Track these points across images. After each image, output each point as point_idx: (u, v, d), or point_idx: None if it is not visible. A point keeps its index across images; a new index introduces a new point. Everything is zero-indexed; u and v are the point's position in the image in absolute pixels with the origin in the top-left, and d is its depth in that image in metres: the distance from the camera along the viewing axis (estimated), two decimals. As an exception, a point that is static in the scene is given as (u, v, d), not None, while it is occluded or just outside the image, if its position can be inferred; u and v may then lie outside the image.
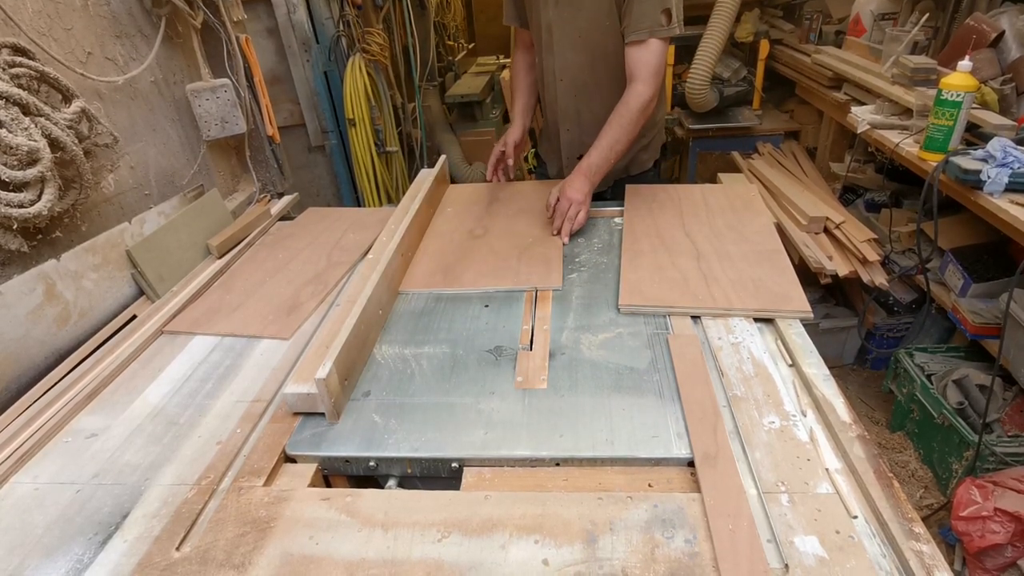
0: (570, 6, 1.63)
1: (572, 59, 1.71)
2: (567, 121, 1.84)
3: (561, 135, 1.88)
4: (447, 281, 1.45)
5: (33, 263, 1.28)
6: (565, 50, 1.70)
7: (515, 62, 1.96)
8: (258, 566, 0.81)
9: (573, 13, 1.63)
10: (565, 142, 1.89)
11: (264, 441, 1.03)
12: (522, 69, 1.93)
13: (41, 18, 1.38)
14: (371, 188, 3.06)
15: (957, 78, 1.89)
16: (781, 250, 1.46)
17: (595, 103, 1.76)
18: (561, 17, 1.65)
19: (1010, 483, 1.81)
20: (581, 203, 1.57)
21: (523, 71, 1.93)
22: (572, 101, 1.79)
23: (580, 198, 1.57)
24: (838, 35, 3.17)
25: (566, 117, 1.84)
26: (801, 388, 1.08)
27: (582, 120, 1.82)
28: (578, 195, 1.57)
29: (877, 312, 2.75)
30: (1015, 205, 1.73)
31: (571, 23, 1.65)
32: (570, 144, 1.88)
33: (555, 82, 1.78)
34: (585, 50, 1.68)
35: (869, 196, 2.86)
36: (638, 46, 1.55)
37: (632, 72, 1.58)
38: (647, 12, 1.51)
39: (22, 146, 1.17)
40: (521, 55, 1.93)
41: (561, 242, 1.55)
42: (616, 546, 0.81)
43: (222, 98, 1.86)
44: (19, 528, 0.90)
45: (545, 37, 1.72)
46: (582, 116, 1.81)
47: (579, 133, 1.84)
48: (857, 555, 0.77)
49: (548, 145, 2.03)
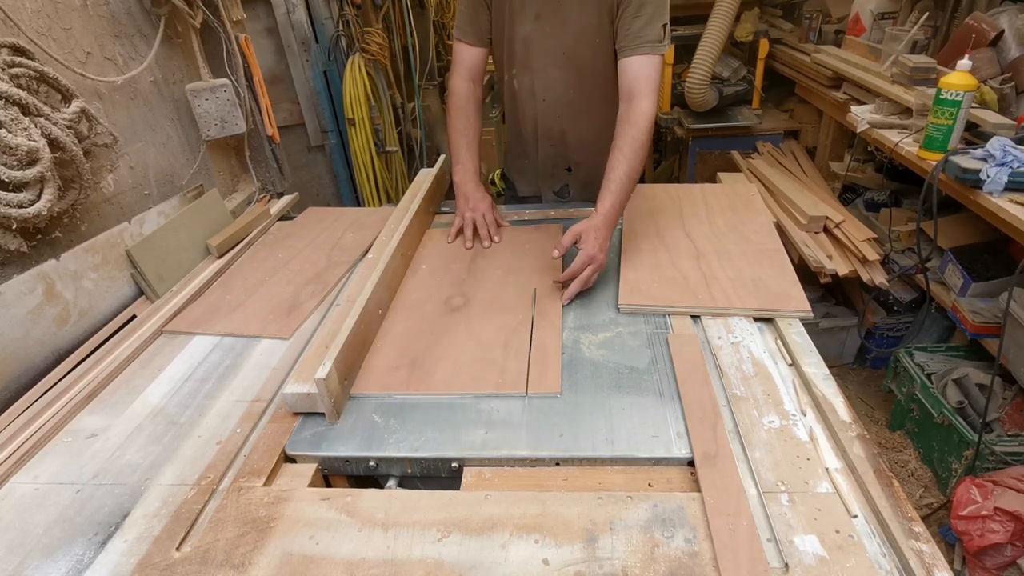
0: (553, 21, 1.52)
1: (557, 76, 1.61)
2: (548, 140, 1.74)
3: (540, 152, 1.77)
4: (412, 380, 1.14)
5: (33, 263, 1.28)
6: (547, 67, 1.60)
7: (456, 92, 1.66)
8: (258, 566, 0.81)
9: (557, 29, 1.53)
10: (544, 158, 1.78)
11: (264, 441, 1.03)
12: (467, 102, 1.65)
13: (40, 18, 1.38)
14: (371, 188, 3.06)
15: (956, 77, 1.89)
16: (781, 249, 1.46)
17: (582, 121, 1.68)
18: (543, 33, 1.55)
19: (1010, 482, 1.81)
20: (602, 264, 1.35)
21: (466, 104, 1.65)
22: (556, 121, 1.69)
23: (603, 257, 1.35)
24: (838, 34, 3.17)
25: (548, 136, 1.73)
26: (801, 387, 1.08)
27: (567, 139, 1.73)
28: (602, 254, 1.34)
29: (877, 311, 2.75)
30: (1014, 204, 1.73)
31: (554, 39, 1.55)
32: (550, 160, 1.78)
33: (534, 101, 1.67)
34: (570, 67, 1.59)
35: (869, 195, 2.86)
36: (639, 60, 1.45)
37: (631, 88, 1.46)
38: (650, 26, 1.43)
39: (22, 146, 1.17)
40: (462, 82, 1.66)
41: (559, 319, 1.28)
42: (616, 545, 0.81)
43: (221, 98, 1.86)
44: (19, 528, 0.90)
45: (520, 53, 1.60)
46: (567, 135, 1.72)
47: (563, 149, 1.75)
48: (857, 554, 0.77)
49: (520, 164, 1.88)
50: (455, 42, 1.66)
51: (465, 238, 1.60)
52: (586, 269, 1.32)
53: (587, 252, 1.32)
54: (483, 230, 1.60)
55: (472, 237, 1.60)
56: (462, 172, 1.64)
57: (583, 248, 1.33)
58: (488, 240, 1.59)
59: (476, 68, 1.66)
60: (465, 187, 1.64)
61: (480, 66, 1.67)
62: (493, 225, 1.62)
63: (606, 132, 1.68)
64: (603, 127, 1.66)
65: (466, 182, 1.64)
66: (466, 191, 1.63)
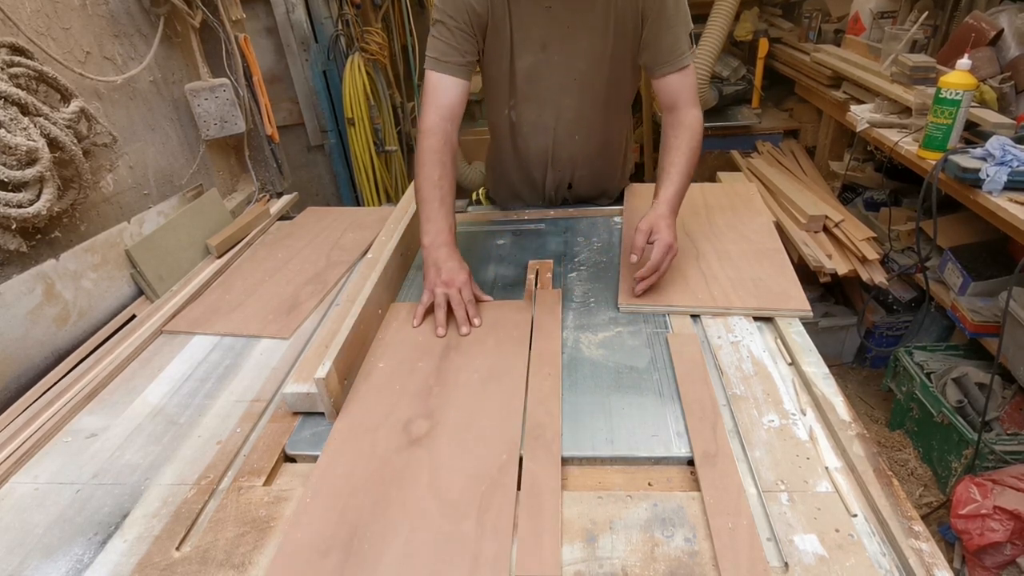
0: (563, 50, 1.43)
1: (568, 104, 1.52)
2: (557, 166, 1.67)
3: (548, 179, 1.71)
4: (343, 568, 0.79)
5: (32, 263, 1.28)
6: (557, 96, 1.51)
7: (429, 133, 1.36)
8: (258, 566, 0.81)
9: (567, 57, 1.44)
10: (551, 183, 1.73)
11: (264, 441, 1.03)
12: (443, 145, 1.35)
13: (39, 18, 1.38)
14: (370, 187, 3.06)
15: (956, 76, 1.89)
16: (780, 249, 1.46)
17: (591, 140, 1.62)
18: (550, 62, 1.45)
19: (1009, 481, 1.81)
20: (673, 248, 1.28)
21: (442, 148, 1.35)
22: (567, 148, 1.62)
23: (674, 244, 1.29)
24: (837, 34, 3.17)
25: (557, 163, 1.66)
26: (800, 387, 1.08)
27: (576, 161, 1.66)
28: (674, 240, 1.29)
29: (876, 311, 2.75)
30: (1014, 203, 1.73)
31: (564, 66, 1.45)
32: (555, 182, 1.73)
33: (543, 132, 1.58)
34: (583, 93, 1.51)
35: (868, 195, 2.86)
36: (678, 74, 1.40)
37: (675, 100, 1.42)
38: (680, 38, 1.38)
39: (21, 146, 1.17)
40: (439, 122, 1.36)
41: (559, 479, 0.91)
42: (616, 545, 0.81)
43: (221, 98, 1.86)
44: (19, 528, 0.90)
45: (523, 86, 1.49)
46: (576, 159, 1.65)
47: (570, 170, 1.70)
48: (857, 553, 0.77)
49: (515, 189, 1.79)
50: (429, 73, 1.38)
51: (436, 322, 1.25)
52: (666, 259, 1.27)
53: (665, 241, 1.26)
54: (459, 311, 1.25)
55: (445, 321, 1.25)
56: (434, 233, 1.31)
57: (660, 238, 1.27)
58: (466, 325, 1.25)
59: (455, 105, 1.38)
60: (437, 253, 1.29)
61: (460, 103, 1.39)
62: (472, 303, 1.28)
63: (610, 143, 1.68)
64: (607, 139, 1.65)
65: (438, 246, 1.30)
66: (438, 258, 1.29)
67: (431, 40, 1.38)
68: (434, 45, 1.37)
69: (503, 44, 1.43)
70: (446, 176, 1.35)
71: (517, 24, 1.39)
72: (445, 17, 1.35)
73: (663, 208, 1.32)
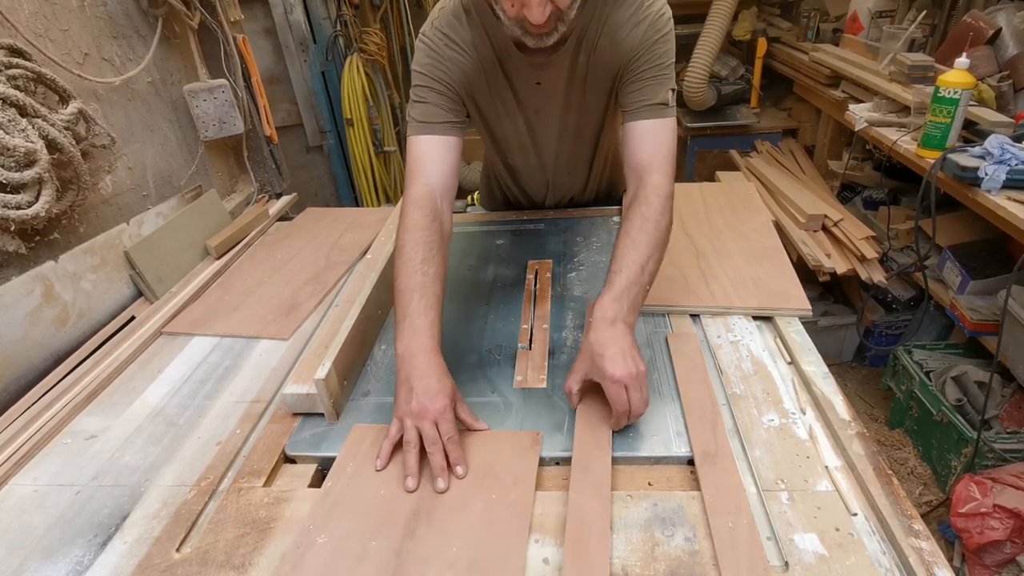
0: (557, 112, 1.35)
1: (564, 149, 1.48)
2: (558, 193, 1.69)
3: (548, 202, 1.74)
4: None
5: (31, 265, 1.28)
6: (553, 146, 1.46)
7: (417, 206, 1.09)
8: (258, 567, 0.81)
9: (561, 116, 1.36)
10: (551, 201, 1.72)
11: (264, 442, 1.03)
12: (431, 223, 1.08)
13: (37, 19, 1.38)
14: (369, 188, 3.06)
15: (954, 75, 1.89)
16: (780, 248, 1.46)
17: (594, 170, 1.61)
18: (545, 123, 1.38)
19: (1009, 479, 1.81)
20: (635, 377, 0.91)
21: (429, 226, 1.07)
22: (568, 178, 1.63)
23: (633, 370, 0.91)
24: (835, 33, 3.18)
25: (557, 190, 1.68)
26: (800, 386, 1.08)
27: (575, 188, 1.69)
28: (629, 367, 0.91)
29: (876, 310, 2.75)
30: (1013, 202, 1.74)
31: (560, 123, 1.38)
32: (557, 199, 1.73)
33: (543, 172, 1.58)
34: (580, 141, 1.46)
35: (867, 194, 2.86)
36: (649, 124, 1.15)
37: (639, 160, 1.14)
38: (663, 84, 1.16)
39: (19, 147, 1.17)
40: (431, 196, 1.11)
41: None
42: (616, 544, 0.81)
43: (219, 98, 1.86)
44: (19, 530, 0.90)
45: (516, 143, 1.44)
46: (576, 186, 1.68)
47: (570, 193, 1.71)
48: (857, 552, 0.77)
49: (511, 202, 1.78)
50: (413, 139, 1.16)
51: (405, 468, 0.90)
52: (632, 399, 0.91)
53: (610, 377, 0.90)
54: (437, 455, 0.89)
55: (417, 469, 0.90)
56: (408, 336, 0.96)
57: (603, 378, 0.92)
58: (445, 477, 0.89)
59: (447, 175, 1.16)
60: (411, 365, 0.94)
61: (453, 173, 1.17)
62: (453, 442, 0.91)
63: (613, 162, 1.68)
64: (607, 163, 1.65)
65: (412, 355, 0.95)
66: (411, 373, 0.94)
67: (413, 104, 1.18)
68: (417, 110, 1.17)
69: (492, 110, 1.32)
70: (431, 260, 1.03)
71: (510, 94, 1.29)
72: (430, 81, 1.17)
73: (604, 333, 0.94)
